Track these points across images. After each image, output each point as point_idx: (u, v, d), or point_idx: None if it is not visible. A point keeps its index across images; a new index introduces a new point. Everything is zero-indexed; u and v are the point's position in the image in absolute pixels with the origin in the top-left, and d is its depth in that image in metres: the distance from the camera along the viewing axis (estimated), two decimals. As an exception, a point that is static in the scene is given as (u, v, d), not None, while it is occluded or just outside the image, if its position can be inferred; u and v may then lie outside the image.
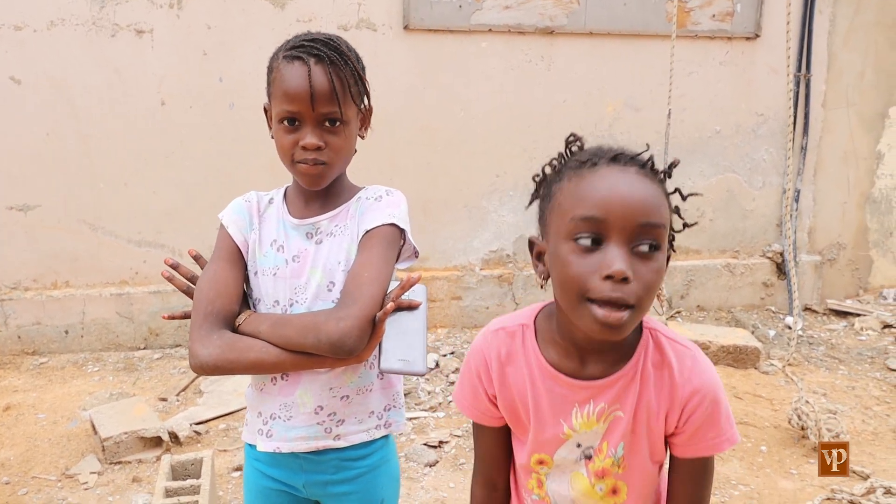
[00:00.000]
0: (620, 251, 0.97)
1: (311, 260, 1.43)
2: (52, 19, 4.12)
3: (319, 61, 1.35)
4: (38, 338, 4.34)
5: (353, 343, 1.28)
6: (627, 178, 1.01)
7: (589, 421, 1.13)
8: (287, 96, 1.35)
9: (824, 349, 4.57)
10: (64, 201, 4.33)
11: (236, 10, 4.31)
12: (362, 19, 4.45)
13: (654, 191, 1.02)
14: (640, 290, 0.97)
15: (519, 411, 1.18)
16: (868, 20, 5.14)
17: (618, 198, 0.99)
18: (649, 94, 4.86)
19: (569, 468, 1.18)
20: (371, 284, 1.33)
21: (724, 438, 1.12)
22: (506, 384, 1.17)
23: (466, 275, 4.81)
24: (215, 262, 1.45)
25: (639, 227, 0.98)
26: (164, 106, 4.34)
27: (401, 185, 1.58)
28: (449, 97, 4.68)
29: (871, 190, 5.40)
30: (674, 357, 1.11)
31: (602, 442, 1.14)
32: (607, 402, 1.11)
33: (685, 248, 5.20)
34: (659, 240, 1.00)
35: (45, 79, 4.18)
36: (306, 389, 1.43)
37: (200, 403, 3.69)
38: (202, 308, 1.37)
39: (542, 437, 1.16)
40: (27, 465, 3.10)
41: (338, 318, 1.29)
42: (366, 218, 1.43)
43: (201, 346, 1.33)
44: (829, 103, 5.19)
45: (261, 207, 1.51)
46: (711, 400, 1.10)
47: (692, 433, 1.12)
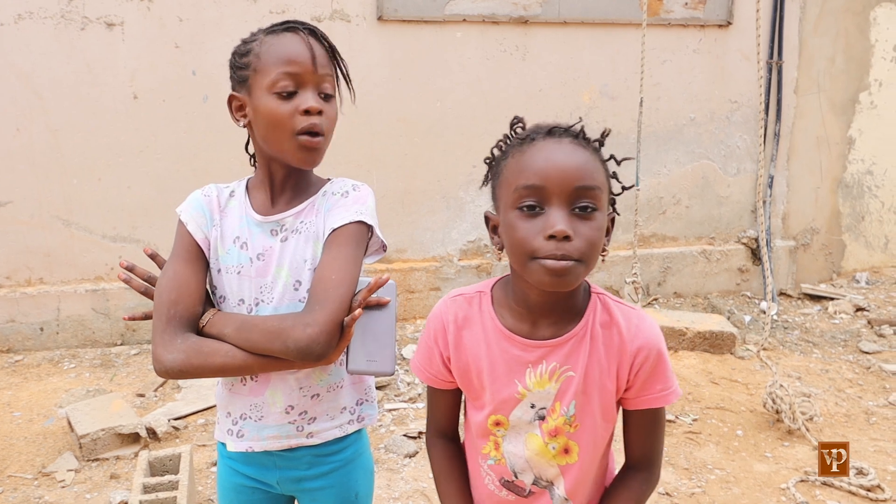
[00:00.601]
0: (561, 213, 1.07)
1: (276, 258, 1.39)
2: (19, 12, 4.06)
3: (311, 34, 1.36)
4: (12, 335, 4.29)
5: (320, 349, 1.26)
6: (562, 148, 1.11)
7: (542, 380, 1.20)
8: (287, 60, 1.32)
9: (799, 333, 4.64)
10: (36, 197, 4.27)
11: (208, 2, 4.26)
12: (336, 10, 4.43)
13: (587, 157, 1.11)
14: (583, 246, 1.07)
15: (472, 374, 1.25)
16: (837, 6, 5.19)
17: (554, 166, 1.09)
18: (624, 83, 4.88)
19: (524, 429, 1.24)
20: (338, 287, 1.29)
21: (670, 391, 1.21)
22: (461, 347, 1.25)
23: (445, 265, 4.81)
24: (175, 261, 1.39)
25: (575, 190, 1.08)
26: (137, 99, 4.29)
27: (378, 176, 1.57)
28: (425, 88, 4.67)
29: (844, 175, 5.47)
30: (621, 316, 1.20)
31: (555, 402, 1.21)
32: (559, 362, 1.19)
33: (661, 235, 5.25)
34: (595, 201, 1.09)
35: (14, 73, 4.12)
36: (276, 389, 1.42)
37: (178, 399, 3.68)
38: (164, 311, 1.33)
39: (497, 398, 1.23)
40: (3, 464, 3.07)
41: (305, 324, 1.25)
42: (332, 215, 1.38)
43: (165, 350, 1.29)
44: (800, 89, 5.25)
45: (221, 202, 1.45)
46: (657, 354, 1.19)
47: (641, 386, 1.21)
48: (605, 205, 1.13)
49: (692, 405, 3.61)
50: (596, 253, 1.10)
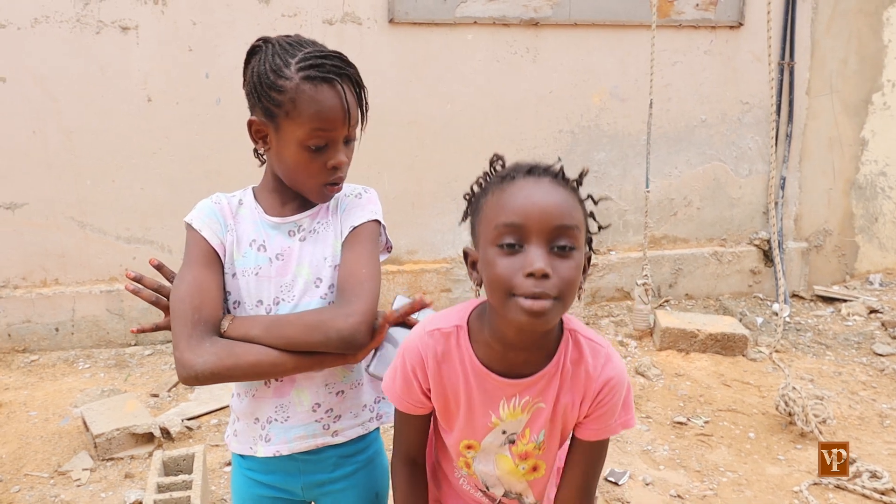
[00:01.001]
0: (540, 251, 1.08)
1: (296, 257, 1.42)
2: (36, 16, 4.10)
3: (346, 80, 1.35)
4: (28, 335, 4.34)
5: (362, 338, 1.30)
6: (542, 187, 1.12)
7: (514, 412, 1.26)
8: (321, 118, 1.31)
9: (811, 335, 4.62)
10: (51, 199, 4.32)
11: (221, 5, 4.30)
12: (347, 13, 4.45)
13: (565, 197, 1.12)
14: (560, 284, 1.08)
15: (450, 404, 1.29)
16: (850, 7, 5.17)
17: (533, 204, 1.10)
18: (635, 84, 4.88)
19: (494, 451, 1.32)
20: (370, 280, 1.35)
21: (619, 423, 1.28)
22: (440, 381, 1.28)
23: (455, 267, 4.82)
24: (192, 267, 1.39)
25: (554, 228, 1.09)
26: (151, 102, 4.33)
27: (389, 178, 1.61)
28: (435, 90, 4.68)
29: (857, 176, 5.44)
30: (589, 354, 1.25)
31: (525, 429, 1.28)
32: (531, 396, 1.25)
33: (673, 236, 5.24)
34: (573, 240, 1.10)
35: (30, 76, 4.16)
36: (302, 388, 1.43)
37: (192, 399, 3.70)
38: (188, 316, 1.32)
39: (471, 426, 1.29)
40: (19, 463, 3.11)
41: (346, 315, 1.29)
42: (349, 215, 1.44)
43: (194, 355, 1.28)
44: (813, 90, 5.23)
45: (232, 208, 1.47)
46: (618, 392, 1.25)
47: (596, 418, 1.27)
48: (583, 244, 1.15)
49: (704, 407, 3.60)
50: (573, 291, 1.11)
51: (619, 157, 5.00)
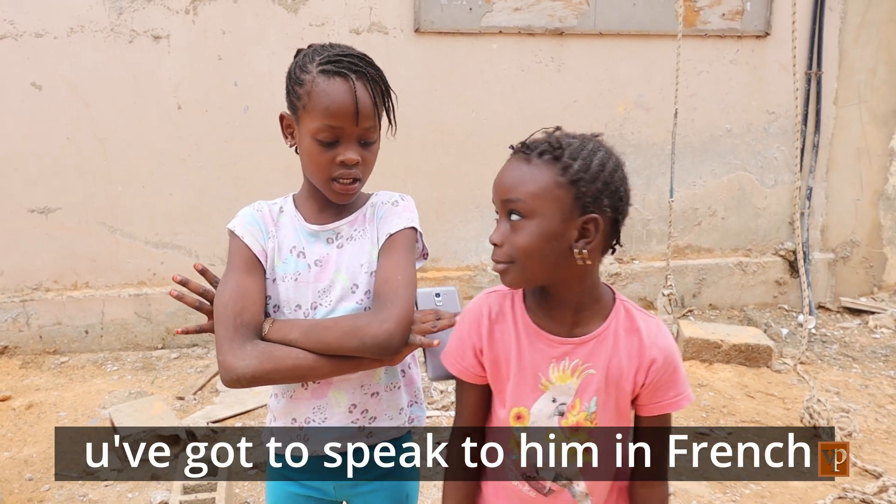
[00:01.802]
0: (498, 224, 1.25)
1: (334, 263, 1.45)
2: (71, 26, 4.21)
3: (361, 77, 1.36)
4: (58, 337, 4.43)
5: (397, 343, 1.32)
6: (507, 165, 1.25)
7: (564, 374, 1.28)
8: (329, 112, 1.34)
9: (837, 347, 4.57)
10: (83, 204, 4.41)
11: (250, 14, 4.37)
12: (374, 23, 4.50)
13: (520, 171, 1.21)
14: (511, 251, 1.21)
15: (501, 365, 1.32)
16: (879, 17, 5.12)
17: (495, 182, 1.25)
18: (659, 94, 4.87)
19: (543, 424, 1.31)
20: (405, 287, 1.37)
21: (682, 396, 1.29)
22: (493, 339, 1.32)
23: (479, 274, 4.84)
24: (235, 273, 1.42)
25: (502, 202, 1.23)
26: (181, 110, 4.41)
27: (414, 186, 1.63)
28: (460, 99, 4.71)
29: (885, 187, 5.38)
30: (642, 324, 1.29)
31: (575, 398, 1.29)
32: (581, 359, 1.27)
33: (697, 246, 5.21)
34: (521, 210, 1.20)
35: (65, 84, 4.26)
36: (339, 389, 1.46)
37: (217, 402, 3.75)
38: (231, 321, 1.35)
39: (521, 389, 1.30)
40: (49, 462, 3.17)
41: (381, 321, 1.32)
42: (386, 222, 1.46)
43: (236, 358, 1.31)
44: (840, 100, 5.18)
45: (273, 215, 1.50)
46: (672, 362, 1.27)
47: (654, 391, 1.28)
48: (547, 212, 1.19)
49: (727, 418, 3.58)
50: (526, 255, 1.20)
51: (644, 167, 4.99)
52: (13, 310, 4.36)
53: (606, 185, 1.20)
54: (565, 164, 1.19)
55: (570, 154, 1.20)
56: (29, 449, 3.29)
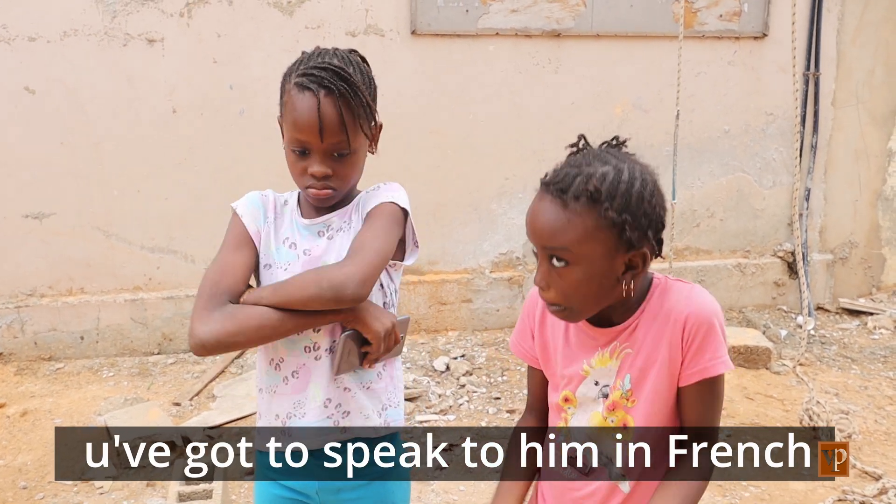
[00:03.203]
0: (541, 265, 1.23)
1: (322, 252, 1.46)
2: (65, 30, 4.18)
3: (329, 93, 1.35)
4: (53, 343, 4.40)
5: (355, 287, 1.32)
6: (541, 206, 1.21)
7: (603, 358, 1.32)
8: (296, 126, 1.37)
9: (836, 349, 4.56)
10: (78, 209, 4.38)
11: (245, 17, 4.35)
12: (370, 25, 4.48)
13: (557, 216, 1.18)
14: (557, 296, 1.22)
15: (550, 351, 1.40)
16: (877, 17, 5.11)
17: (529, 223, 1.23)
18: (657, 95, 4.86)
19: (589, 406, 1.34)
20: (372, 242, 1.38)
21: (719, 360, 1.25)
22: (544, 325, 1.40)
23: (476, 277, 4.82)
24: (223, 250, 1.47)
25: (543, 248, 1.21)
26: (176, 113, 4.38)
27: (410, 188, 1.61)
28: (457, 101, 4.70)
29: (883, 187, 5.37)
30: (675, 292, 1.29)
31: (616, 379, 1.31)
32: (619, 342, 1.30)
33: (695, 248, 5.20)
34: (566, 257, 1.19)
35: (59, 88, 4.24)
36: (317, 384, 1.46)
37: (214, 408, 3.73)
38: (206, 291, 1.38)
39: (567, 375, 1.35)
40: (44, 470, 3.15)
41: (340, 266, 1.35)
42: (367, 204, 1.48)
43: (200, 324, 1.33)
44: (838, 101, 5.17)
45: (277, 205, 1.54)
46: (707, 322, 1.24)
47: (693, 356, 1.25)
48: (591, 256, 1.19)
49: (727, 420, 3.56)
50: (577, 299, 1.22)
51: (641, 168, 4.97)
52: (7, 316, 4.32)
53: (648, 217, 1.20)
54: (605, 207, 1.17)
55: (608, 193, 1.16)
56: (23, 457, 3.27)
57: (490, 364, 4.23)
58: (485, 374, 4.13)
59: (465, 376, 4.07)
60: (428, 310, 4.78)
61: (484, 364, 4.24)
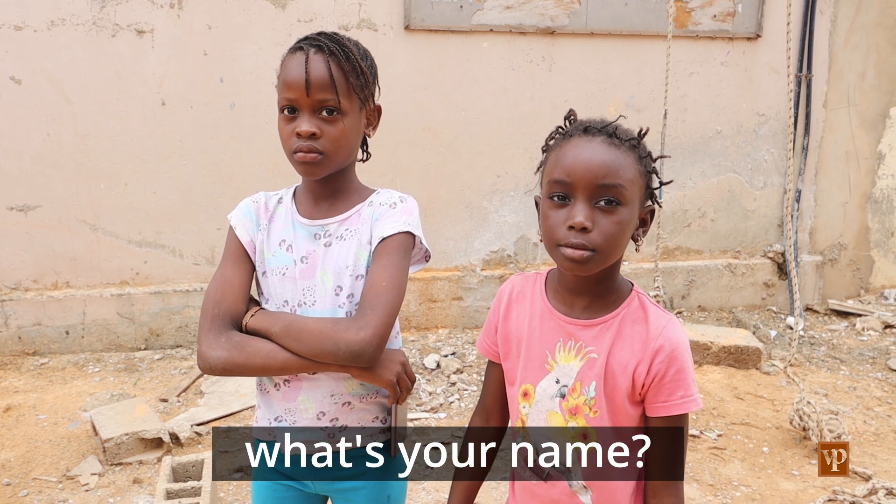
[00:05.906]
0: (583, 206, 1.17)
1: (320, 262, 1.43)
2: (52, 19, 4.12)
3: (319, 51, 1.37)
4: (38, 338, 4.34)
5: (372, 352, 1.31)
6: (591, 147, 1.19)
7: (568, 355, 1.30)
8: (285, 84, 1.37)
9: (826, 349, 4.57)
10: (64, 201, 4.32)
11: (237, 10, 4.30)
12: (363, 19, 4.45)
13: (614, 156, 1.18)
14: (599, 238, 1.17)
15: (511, 343, 1.38)
16: (869, 21, 5.13)
17: (580, 163, 1.18)
18: (651, 94, 4.86)
19: (546, 405, 1.32)
20: (388, 293, 1.35)
21: (690, 398, 1.25)
22: (509, 318, 1.39)
23: (467, 275, 4.80)
24: (223, 264, 1.48)
25: (598, 187, 1.17)
26: (165, 106, 4.33)
27: (402, 185, 1.59)
28: (450, 97, 4.67)
29: (873, 190, 5.40)
30: (652, 317, 1.27)
31: (576, 381, 1.28)
32: (585, 342, 1.28)
33: (686, 248, 5.20)
34: (618, 196, 1.17)
35: (46, 79, 4.18)
36: (308, 396, 1.44)
37: (201, 404, 3.69)
38: (209, 310, 1.40)
39: (530, 367, 1.34)
40: (28, 467, 3.09)
41: (358, 328, 1.31)
42: (380, 225, 1.42)
43: (209, 348, 1.36)
44: (830, 103, 5.19)
45: (269, 207, 1.51)
46: (679, 358, 1.24)
47: (659, 388, 1.24)
48: (634, 200, 1.20)
49: (717, 420, 3.56)
50: (614, 244, 1.19)
51: (633, 168, 4.97)
52: (-9, 309, 4.27)
53: (657, 177, 1.28)
54: (642, 155, 1.23)
55: (642, 144, 1.23)
56: (7, 453, 3.21)
57: (481, 362, 4.20)
58: (475, 372, 4.11)
59: (455, 374, 4.05)
60: (419, 307, 4.76)
61: (475, 362, 4.22)
